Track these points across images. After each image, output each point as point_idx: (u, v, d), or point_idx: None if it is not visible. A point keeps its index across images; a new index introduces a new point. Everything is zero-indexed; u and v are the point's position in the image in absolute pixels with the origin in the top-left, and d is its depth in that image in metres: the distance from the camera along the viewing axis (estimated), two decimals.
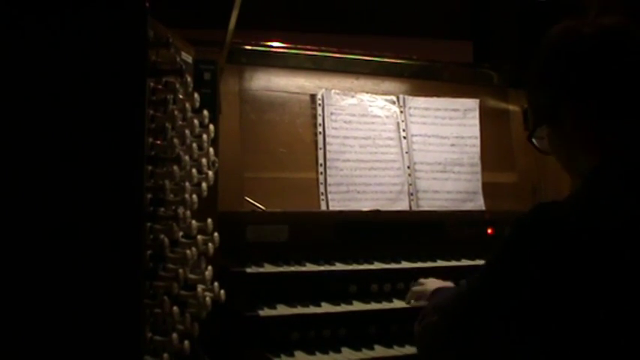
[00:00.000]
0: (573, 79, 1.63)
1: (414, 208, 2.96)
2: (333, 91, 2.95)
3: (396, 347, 2.46)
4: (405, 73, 3.18)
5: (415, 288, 2.53)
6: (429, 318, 1.84)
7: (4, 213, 1.75)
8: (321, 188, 2.84)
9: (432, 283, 2.47)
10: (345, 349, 2.41)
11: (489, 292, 1.61)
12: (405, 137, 3.02)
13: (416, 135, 3.05)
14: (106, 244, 1.74)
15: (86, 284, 1.73)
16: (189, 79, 2.00)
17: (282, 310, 2.42)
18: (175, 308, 1.86)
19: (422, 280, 2.54)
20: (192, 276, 1.99)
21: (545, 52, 1.70)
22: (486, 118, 3.21)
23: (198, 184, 2.03)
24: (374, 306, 2.55)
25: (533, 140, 1.77)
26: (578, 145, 1.66)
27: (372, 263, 2.67)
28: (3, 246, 1.74)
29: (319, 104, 2.91)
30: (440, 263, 2.75)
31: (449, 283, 2.46)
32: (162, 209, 1.88)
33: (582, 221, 1.52)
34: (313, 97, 2.94)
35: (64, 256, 1.74)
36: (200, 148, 2.05)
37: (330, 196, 2.83)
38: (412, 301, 2.55)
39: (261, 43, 2.96)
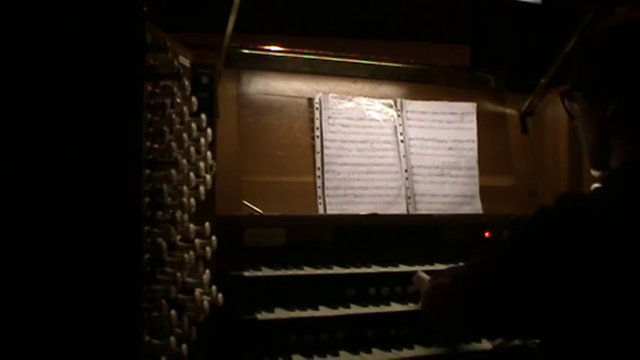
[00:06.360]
0: (627, 66, 1.65)
1: (412, 212, 2.97)
2: (330, 94, 2.96)
3: (394, 351, 2.46)
4: (402, 76, 3.19)
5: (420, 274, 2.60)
6: (440, 279, 1.96)
7: (2, 219, 1.75)
8: (319, 192, 2.84)
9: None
10: (342, 353, 2.41)
11: (502, 272, 1.68)
12: (402, 141, 3.03)
13: (413, 139, 3.06)
14: (105, 248, 1.74)
15: (84, 288, 1.73)
16: (186, 82, 2.00)
17: (280, 313, 2.42)
18: (173, 312, 1.85)
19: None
20: (189, 280, 1.99)
21: (603, 32, 1.71)
22: (484, 121, 3.21)
23: (196, 188, 2.03)
24: (372, 309, 2.55)
25: (565, 100, 1.81)
26: (614, 133, 1.68)
27: (369, 267, 2.67)
28: (1, 251, 1.74)
29: (317, 108, 2.92)
30: (437, 267, 2.74)
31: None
32: (159, 213, 1.88)
33: (605, 217, 1.55)
34: (311, 100, 2.94)
35: (63, 260, 1.74)
36: (198, 151, 2.05)
37: (327, 200, 2.84)
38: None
39: (259, 47, 2.96)
